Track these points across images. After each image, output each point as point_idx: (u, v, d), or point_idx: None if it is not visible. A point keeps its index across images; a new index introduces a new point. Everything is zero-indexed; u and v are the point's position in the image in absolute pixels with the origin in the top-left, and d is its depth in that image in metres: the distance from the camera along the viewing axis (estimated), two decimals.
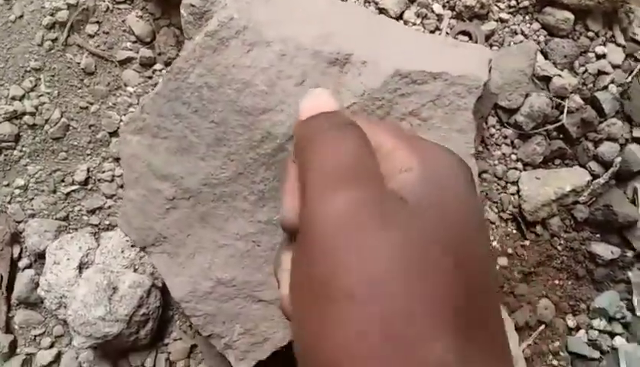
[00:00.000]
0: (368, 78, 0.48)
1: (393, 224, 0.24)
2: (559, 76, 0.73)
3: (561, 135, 0.75)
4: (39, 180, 0.79)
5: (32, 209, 0.79)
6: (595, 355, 0.76)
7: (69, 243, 0.75)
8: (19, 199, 0.79)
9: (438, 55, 0.51)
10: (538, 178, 0.74)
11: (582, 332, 0.77)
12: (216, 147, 0.51)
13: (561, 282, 0.77)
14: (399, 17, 0.74)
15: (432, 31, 0.74)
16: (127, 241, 0.75)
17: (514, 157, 0.75)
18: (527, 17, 0.75)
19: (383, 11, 0.73)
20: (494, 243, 0.75)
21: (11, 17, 0.77)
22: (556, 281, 0.77)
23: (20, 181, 0.79)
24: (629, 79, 0.75)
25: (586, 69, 0.75)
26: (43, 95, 0.78)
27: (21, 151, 0.79)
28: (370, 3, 0.74)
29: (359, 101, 0.48)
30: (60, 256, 0.74)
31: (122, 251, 0.74)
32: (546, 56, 0.75)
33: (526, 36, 0.75)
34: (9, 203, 0.79)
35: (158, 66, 0.77)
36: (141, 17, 0.77)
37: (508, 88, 0.72)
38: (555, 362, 0.76)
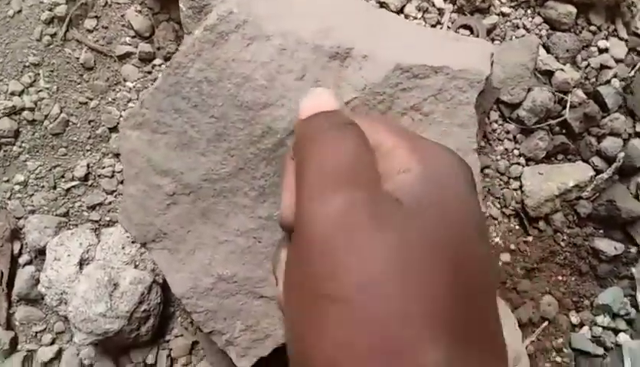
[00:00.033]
0: (369, 72, 0.47)
1: (388, 225, 0.23)
2: (561, 70, 0.72)
3: (564, 130, 0.75)
4: (39, 176, 0.79)
5: (32, 205, 0.79)
6: (599, 351, 0.76)
7: (69, 239, 0.75)
8: (19, 195, 0.79)
9: (439, 49, 0.51)
10: (541, 173, 0.73)
11: (585, 328, 0.77)
12: (216, 143, 0.51)
13: (564, 278, 0.77)
14: (400, 11, 0.73)
15: (433, 25, 0.73)
16: (128, 237, 0.74)
17: (516, 152, 0.74)
18: (528, 11, 0.75)
19: (384, 4, 0.72)
20: (497, 239, 0.75)
21: (10, 12, 0.76)
22: (560, 277, 0.77)
23: (20, 177, 0.78)
24: (632, 73, 0.74)
25: (589, 64, 0.74)
26: (42, 90, 0.77)
27: (20, 147, 0.78)
28: None
29: (360, 95, 0.47)
30: (60, 252, 0.73)
31: (123, 248, 0.74)
32: (548, 51, 0.74)
33: (528, 30, 0.74)
34: (9, 199, 0.79)
35: (157, 61, 0.77)
36: (140, 12, 0.76)
37: (510, 82, 0.71)
38: (558, 359, 0.76)
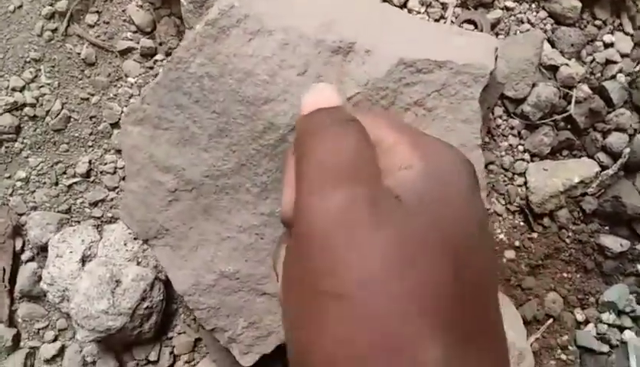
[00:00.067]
0: (372, 67, 0.47)
1: (389, 222, 0.23)
2: (566, 65, 0.72)
3: (569, 126, 0.74)
4: (40, 172, 0.78)
5: (34, 202, 0.78)
6: (605, 349, 0.75)
7: (71, 236, 0.74)
8: (21, 191, 0.79)
9: (443, 44, 0.50)
10: (546, 169, 0.73)
11: (590, 325, 0.76)
12: (218, 138, 0.50)
13: (569, 275, 0.76)
14: (403, 6, 0.72)
15: (436, 20, 0.72)
16: (130, 233, 0.74)
17: (521, 148, 0.74)
18: (533, 6, 0.74)
19: None
20: (501, 236, 0.74)
21: (10, 8, 0.76)
22: (565, 274, 0.76)
23: (21, 173, 0.78)
24: (638, 68, 0.73)
25: (594, 58, 0.73)
26: (43, 86, 0.77)
27: (22, 143, 0.78)
28: None
29: (363, 90, 0.47)
30: (62, 249, 0.73)
31: (125, 244, 0.74)
32: (553, 45, 0.74)
33: (532, 24, 0.73)
34: (11, 196, 0.79)
35: (159, 57, 0.76)
36: (141, 7, 0.76)
37: (515, 77, 0.70)
38: (563, 356, 0.75)
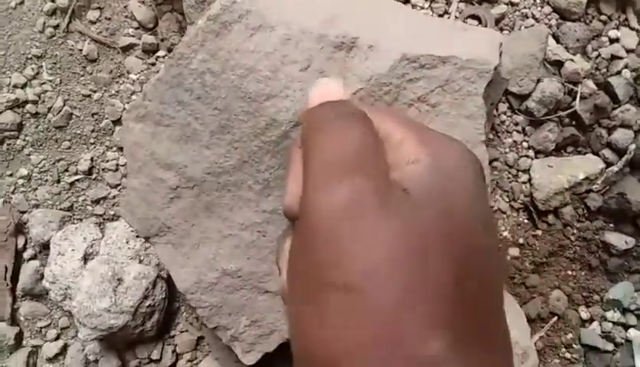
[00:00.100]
0: (375, 62, 0.46)
1: (395, 215, 0.23)
2: (571, 60, 0.71)
3: (574, 122, 0.74)
4: (42, 169, 0.78)
5: (36, 200, 0.78)
6: (609, 347, 0.75)
7: (73, 234, 0.74)
8: (23, 189, 0.78)
9: (447, 39, 0.50)
10: (550, 166, 0.72)
11: (595, 324, 0.76)
12: (220, 135, 0.50)
13: (574, 273, 0.76)
14: (406, 1, 0.72)
15: (440, 15, 0.72)
16: (132, 231, 0.74)
17: (525, 144, 0.73)
18: (537, 1, 0.73)
19: None
20: (505, 233, 0.74)
21: (12, 4, 0.76)
22: (569, 272, 0.76)
23: (23, 171, 0.78)
24: None
25: (599, 54, 0.73)
26: (45, 83, 0.77)
27: (24, 141, 0.78)
28: None
29: (366, 86, 0.46)
30: (64, 247, 0.73)
31: (127, 242, 0.73)
32: (557, 41, 0.73)
33: (537, 19, 0.73)
34: (13, 193, 0.78)
35: (161, 53, 0.76)
36: (143, 3, 0.75)
37: (519, 73, 0.70)
38: (568, 355, 0.75)
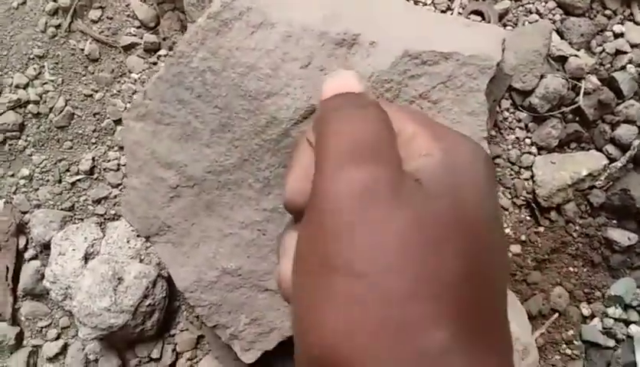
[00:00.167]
0: (377, 59, 0.46)
1: (408, 205, 0.23)
2: (575, 56, 0.71)
3: (577, 118, 0.73)
4: (44, 169, 0.78)
5: (37, 200, 0.78)
6: (610, 343, 0.74)
7: (74, 233, 0.74)
8: (24, 189, 0.78)
9: (449, 35, 0.49)
10: (553, 162, 0.72)
11: (596, 320, 0.75)
12: (220, 133, 0.50)
13: (576, 269, 0.75)
14: None
15: (443, 11, 0.71)
16: (133, 231, 0.74)
17: (528, 141, 0.73)
18: None
19: None
20: (508, 230, 0.74)
21: (14, 4, 0.76)
22: (571, 269, 0.75)
23: (25, 171, 0.78)
24: None
25: (604, 49, 0.72)
26: (47, 83, 0.77)
27: (25, 141, 0.78)
28: None
29: (367, 83, 0.46)
30: (65, 247, 0.73)
31: (128, 242, 0.73)
32: (561, 36, 0.72)
33: (541, 15, 0.72)
34: (14, 194, 0.78)
35: (162, 52, 0.76)
36: (144, 2, 0.75)
37: (523, 69, 0.69)
38: (569, 351, 0.74)
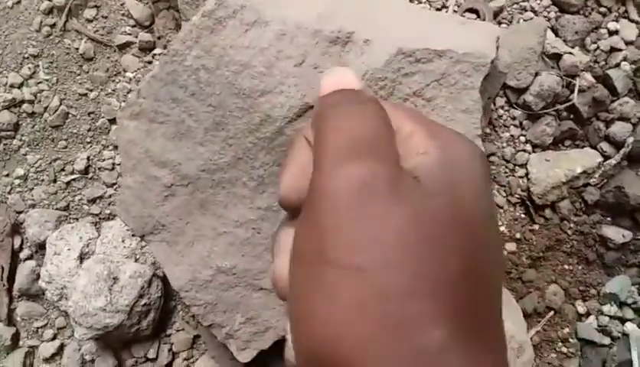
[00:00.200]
0: (371, 57, 0.46)
1: (406, 201, 0.24)
2: (570, 53, 0.71)
3: (571, 115, 0.73)
4: (39, 169, 0.78)
5: (32, 199, 0.78)
6: (606, 341, 0.74)
7: (69, 233, 0.74)
8: (19, 189, 0.78)
9: (443, 33, 0.49)
10: (548, 160, 0.72)
11: (592, 318, 0.76)
12: (214, 132, 0.50)
13: (571, 267, 0.76)
14: None
15: (438, 9, 0.71)
16: (128, 230, 0.73)
17: (522, 138, 0.73)
18: None
19: None
20: (502, 228, 0.74)
21: (9, 3, 0.76)
22: (566, 266, 0.75)
23: (20, 171, 0.78)
24: None
25: (598, 47, 0.72)
26: (42, 82, 0.76)
27: (20, 140, 0.77)
28: None
29: (361, 81, 0.46)
30: (60, 246, 0.73)
31: (123, 241, 0.73)
32: (556, 33, 0.73)
33: (535, 12, 0.72)
34: (9, 193, 0.78)
35: (157, 51, 0.76)
36: (139, 0, 0.75)
37: (517, 66, 0.69)
38: (564, 349, 0.75)
